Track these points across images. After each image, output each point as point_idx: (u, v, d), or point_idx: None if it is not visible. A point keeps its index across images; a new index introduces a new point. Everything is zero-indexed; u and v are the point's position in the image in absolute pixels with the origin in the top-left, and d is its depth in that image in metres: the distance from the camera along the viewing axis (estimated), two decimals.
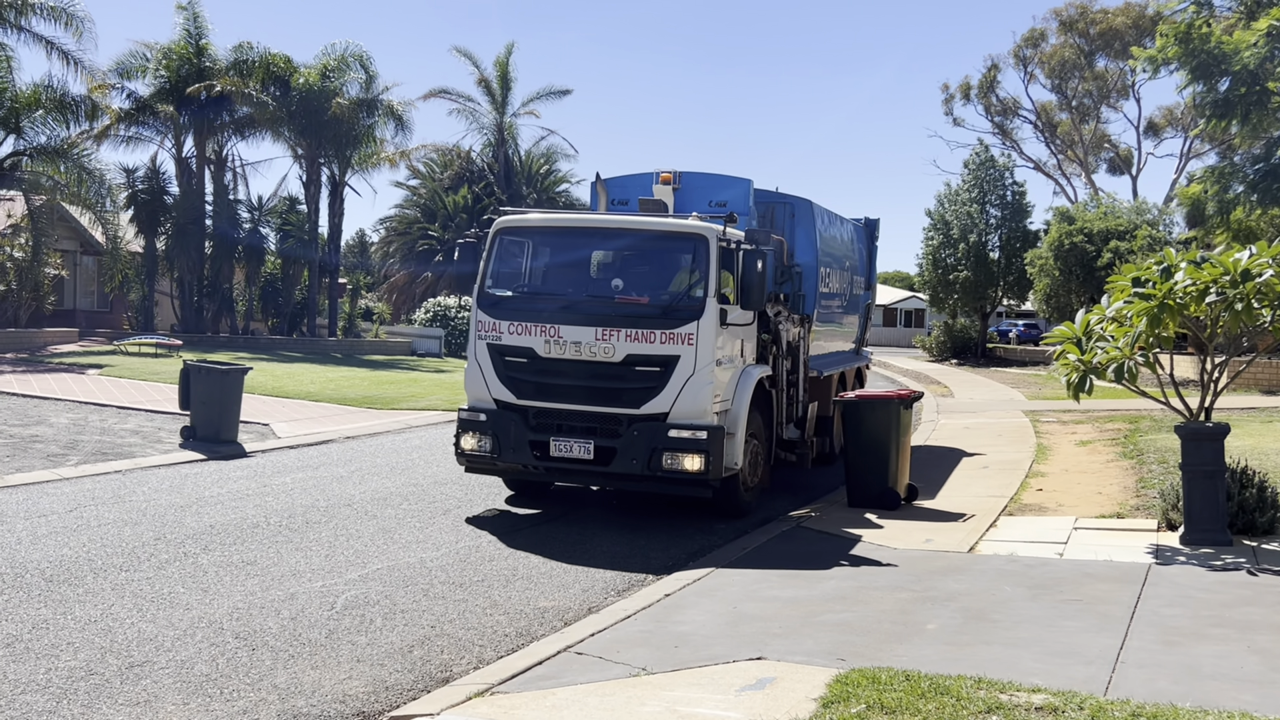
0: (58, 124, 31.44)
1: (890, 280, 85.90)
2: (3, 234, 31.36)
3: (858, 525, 10.48)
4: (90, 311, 39.17)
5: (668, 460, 9.86)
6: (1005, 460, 15.00)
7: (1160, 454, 13.85)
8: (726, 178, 12.56)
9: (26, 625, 6.68)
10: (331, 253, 41.62)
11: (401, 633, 6.95)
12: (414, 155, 44.42)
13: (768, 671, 6.01)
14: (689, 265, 10.36)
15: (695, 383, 9.91)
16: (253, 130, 39.18)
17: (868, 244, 17.56)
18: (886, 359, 43.47)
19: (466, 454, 10.60)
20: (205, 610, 7.17)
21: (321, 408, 19.42)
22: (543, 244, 11.22)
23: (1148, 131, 57.70)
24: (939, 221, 43.60)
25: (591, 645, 6.62)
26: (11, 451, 13.02)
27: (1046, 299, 38.17)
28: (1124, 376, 9.13)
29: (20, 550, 8.49)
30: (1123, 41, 50.83)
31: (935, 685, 5.57)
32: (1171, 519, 9.98)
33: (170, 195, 38.33)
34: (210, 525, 9.73)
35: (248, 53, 37.87)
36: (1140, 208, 39.72)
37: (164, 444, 14.35)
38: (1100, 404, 20.76)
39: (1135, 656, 6.30)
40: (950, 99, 59.21)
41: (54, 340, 30.57)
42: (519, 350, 10.32)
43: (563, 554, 9.21)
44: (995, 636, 6.75)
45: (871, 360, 18.57)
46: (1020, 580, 8.22)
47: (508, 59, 43.81)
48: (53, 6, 28.92)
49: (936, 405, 24.07)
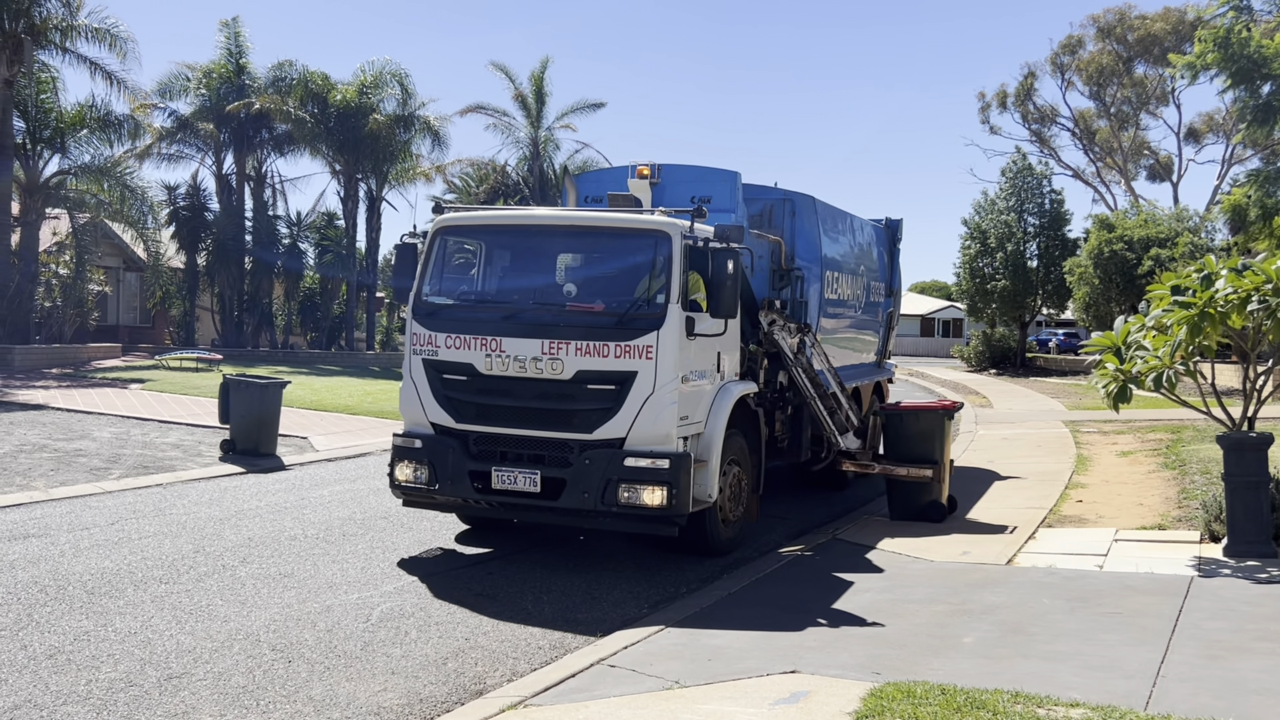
0: (101, 143, 32.11)
1: (927, 290, 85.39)
2: (48, 252, 31.98)
3: (893, 536, 10.38)
4: (133, 327, 39.79)
5: (624, 493, 8.53)
6: (1044, 471, 14.82)
7: (1203, 464, 13.64)
8: (711, 170, 11.39)
9: (69, 637, 6.78)
10: (369, 267, 42.05)
11: (436, 645, 6.97)
12: (450, 170, 44.80)
13: (802, 685, 5.97)
14: (649, 267, 8.95)
15: (655, 402, 8.57)
16: (291, 147, 39.78)
17: (889, 247, 16.12)
18: (924, 369, 43.19)
19: (402, 486, 9.28)
20: (243, 622, 7.24)
21: (359, 421, 19.57)
22: (489, 245, 9.99)
23: (1188, 138, 57.01)
24: (976, 230, 43.23)
25: (624, 658, 6.61)
26: (56, 465, 13.23)
27: (1086, 307, 37.73)
28: (1164, 386, 9.00)
29: (63, 562, 8.62)
30: (1162, 47, 50.25)
31: (971, 699, 5.51)
32: (1214, 530, 9.82)
33: (210, 212, 38.97)
34: (249, 538, 9.83)
35: (287, 71, 38.46)
36: (1181, 214, 39.16)
37: (204, 457, 14.52)
38: (1141, 414, 20.48)
39: (1177, 670, 6.20)
40: (986, 107, 58.82)
41: (98, 355, 31.07)
42: (457, 366, 9.03)
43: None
44: (1033, 650, 6.67)
45: (895, 374, 17.04)
46: (1059, 593, 8.11)
47: (542, 74, 44.04)
48: (97, 28, 29.51)
49: (975, 416, 23.85)
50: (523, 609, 7.87)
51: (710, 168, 11.45)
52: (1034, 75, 56.96)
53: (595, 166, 50.66)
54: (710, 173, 11.31)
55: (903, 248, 16.77)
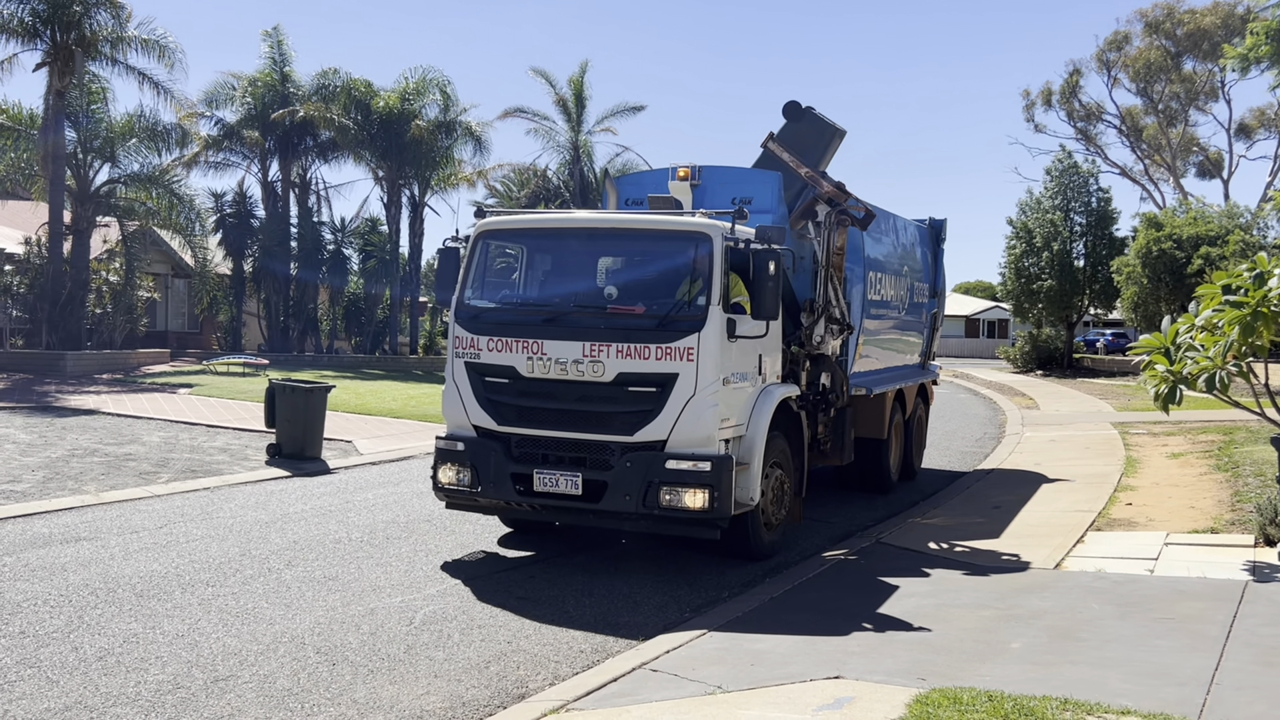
0: (150, 152, 32.57)
1: (972, 290, 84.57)
2: (99, 259, 32.52)
3: (938, 540, 10.27)
4: (181, 332, 40.38)
5: (666, 496, 8.51)
6: (1093, 474, 14.60)
7: (1256, 466, 13.36)
8: (752, 171, 11.38)
9: (118, 639, 6.87)
10: (412, 272, 42.35)
11: (478, 648, 6.99)
12: (491, 175, 45.00)
13: (846, 691, 5.91)
14: (690, 269, 8.94)
15: (697, 404, 8.56)
16: (335, 154, 40.17)
17: (932, 247, 15.99)
18: (969, 370, 42.76)
19: (445, 488, 9.34)
20: (288, 625, 7.30)
21: (403, 424, 19.71)
22: (530, 249, 10.03)
23: (1239, 133, 56.06)
24: (1021, 230, 42.71)
25: (666, 662, 6.59)
26: (107, 470, 13.44)
27: (1134, 307, 37.16)
28: (1215, 387, 8.82)
29: (113, 565, 8.75)
30: (1211, 42, 49.42)
31: (1019, 706, 5.42)
32: (1269, 534, 9.61)
33: (256, 219, 39.46)
34: (294, 541, 9.92)
35: (330, 79, 38.85)
36: (1232, 212, 38.43)
37: (250, 461, 14.69)
38: (1192, 415, 20.12)
39: (1231, 678, 6.06)
40: (1031, 105, 58.25)
41: (147, 361, 31.55)
42: (499, 369, 9.07)
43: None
44: (1082, 656, 6.56)
45: (939, 376, 16.86)
46: (1108, 598, 7.97)
47: (582, 77, 44.16)
48: (146, 39, 29.95)
49: (1021, 418, 23.57)
50: (564, 612, 7.87)
51: (751, 169, 11.43)
52: (1079, 72, 56.35)
53: (635, 169, 50.70)
54: (751, 174, 11.29)
55: (946, 248, 16.55)
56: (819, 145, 11.66)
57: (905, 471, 14.43)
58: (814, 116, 11.66)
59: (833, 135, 11.75)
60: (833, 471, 13.32)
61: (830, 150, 11.78)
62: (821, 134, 11.72)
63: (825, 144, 11.72)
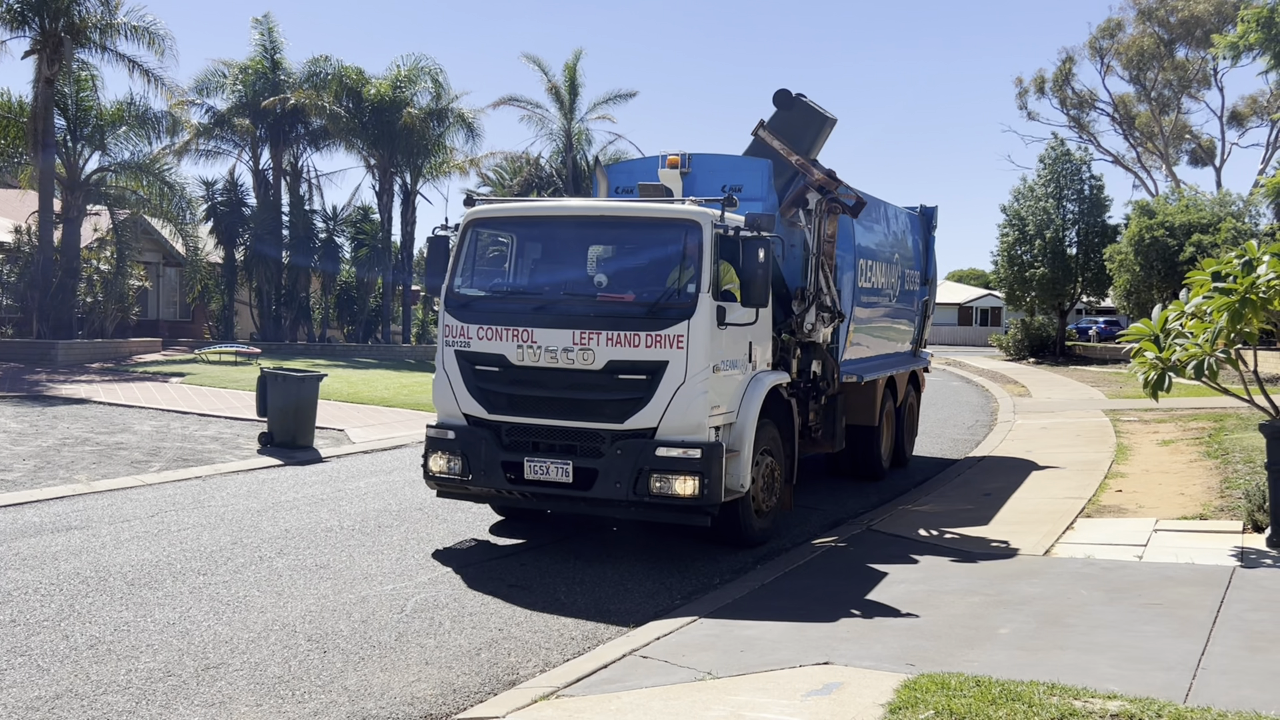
0: (140, 140, 32.47)
1: (964, 278, 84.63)
2: (89, 248, 32.39)
3: (928, 527, 10.31)
4: (172, 321, 40.29)
5: (656, 483, 8.54)
6: (1083, 461, 14.65)
7: (1246, 453, 13.42)
8: (742, 159, 11.34)
9: (109, 627, 6.87)
10: (405, 260, 42.31)
11: (469, 635, 7.01)
12: (483, 163, 44.94)
13: (835, 676, 5.94)
14: (680, 256, 8.94)
15: (686, 392, 8.58)
16: (326, 141, 40.06)
17: (924, 234, 15.93)
18: (961, 358, 42.83)
19: (436, 477, 9.36)
20: (279, 613, 7.31)
21: (395, 413, 19.71)
22: (520, 237, 10.02)
23: (1231, 121, 56.05)
24: (1014, 218, 42.77)
25: (657, 649, 6.61)
26: (98, 458, 13.43)
27: (1127, 295, 37.24)
28: (1204, 374, 8.85)
29: (104, 554, 8.75)
30: (1204, 29, 49.42)
31: (1007, 691, 5.45)
32: (1258, 520, 9.66)
33: (248, 207, 39.34)
34: (286, 529, 9.92)
35: (321, 66, 38.72)
36: (1224, 199, 38.50)
37: (242, 450, 14.68)
38: (1183, 402, 20.20)
39: (1218, 663, 6.10)
40: (1024, 93, 58.21)
41: (138, 350, 31.48)
42: (489, 358, 9.09)
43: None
44: (1070, 641, 6.59)
45: (931, 363, 16.79)
46: (1097, 584, 8.01)
47: (575, 65, 44.04)
48: (135, 26, 29.80)
49: (1013, 406, 23.62)
50: (555, 600, 7.89)
51: (741, 156, 11.41)
52: (1072, 60, 56.32)
53: (628, 158, 50.63)
54: (741, 162, 11.27)
55: (939, 235, 16.52)
56: (810, 133, 11.63)
57: (897, 459, 14.46)
58: (805, 104, 11.64)
59: (823, 123, 11.73)
60: (824, 459, 13.35)
61: (821, 138, 11.76)
62: (812, 122, 11.70)
63: (816, 132, 11.70)
